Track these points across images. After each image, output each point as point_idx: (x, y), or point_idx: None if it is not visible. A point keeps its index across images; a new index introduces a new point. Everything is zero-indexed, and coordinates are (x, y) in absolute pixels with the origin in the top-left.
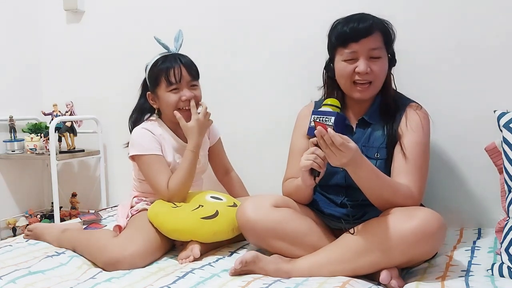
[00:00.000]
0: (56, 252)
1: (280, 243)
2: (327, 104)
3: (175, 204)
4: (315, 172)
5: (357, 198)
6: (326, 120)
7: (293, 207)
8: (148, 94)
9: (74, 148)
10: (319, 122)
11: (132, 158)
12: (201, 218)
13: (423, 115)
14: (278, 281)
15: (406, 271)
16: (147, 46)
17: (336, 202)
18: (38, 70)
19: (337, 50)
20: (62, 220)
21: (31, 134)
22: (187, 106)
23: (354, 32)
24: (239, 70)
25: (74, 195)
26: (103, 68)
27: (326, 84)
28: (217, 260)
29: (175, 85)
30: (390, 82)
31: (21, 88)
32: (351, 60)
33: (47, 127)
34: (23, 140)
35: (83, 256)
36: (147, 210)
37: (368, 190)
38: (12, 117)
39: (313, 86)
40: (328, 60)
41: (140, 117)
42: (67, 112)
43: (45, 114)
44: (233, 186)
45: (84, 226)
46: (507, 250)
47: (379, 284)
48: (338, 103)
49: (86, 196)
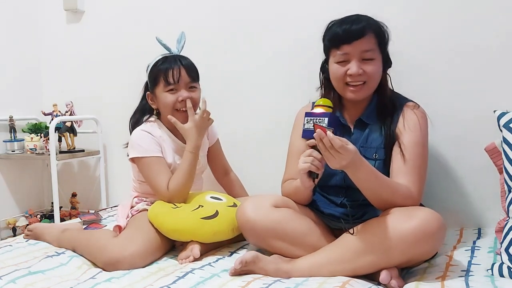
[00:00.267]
0: (56, 252)
1: (280, 243)
2: (319, 105)
3: (175, 205)
4: (313, 174)
5: (356, 199)
6: (320, 121)
7: (292, 207)
8: (147, 94)
9: (74, 148)
10: (318, 125)
11: (132, 160)
12: (201, 218)
13: (420, 114)
14: (278, 281)
15: (406, 271)
16: (147, 46)
17: (336, 203)
18: (38, 70)
19: (330, 51)
20: (62, 220)
21: (31, 134)
22: (184, 107)
23: (346, 34)
24: (239, 70)
25: (74, 195)
26: (103, 68)
27: (323, 85)
28: (217, 260)
29: (173, 85)
30: (386, 83)
31: (21, 88)
32: (344, 62)
33: (47, 127)
34: (23, 140)
35: (83, 256)
36: (147, 210)
37: (368, 191)
38: (12, 117)
39: (313, 86)
40: (324, 61)
41: (141, 118)
42: (67, 112)
43: (45, 114)
44: (232, 187)
45: (84, 226)
46: (507, 250)
47: (379, 284)
48: (330, 103)
49: (86, 196)
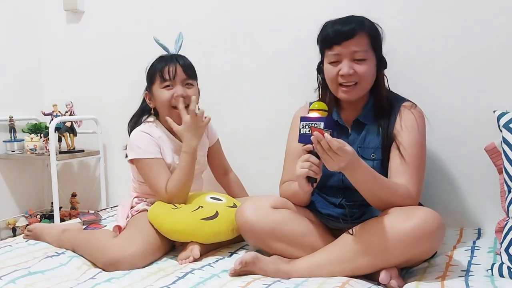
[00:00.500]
0: (56, 252)
1: (279, 244)
2: (314, 109)
3: (175, 205)
4: (312, 179)
5: (355, 199)
6: (315, 126)
7: (291, 208)
8: (145, 93)
9: (74, 148)
10: (315, 128)
11: (131, 161)
12: (201, 219)
13: (418, 114)
14: (277, 281)
15: (406, 271)
16: (147, 46)
17: (335, 203)
18: (38, 70)
19: (324, 52)
20: (62, 220)
21: (31, 134)
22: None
23: (337, 35)
24: (239, 70)
25: (74, 195)
26: (103, 68)
27: (320, 85)
28: (217, 261)
29: (168, 81)
30: (382, 83)
31: (21, 88)
32: (336, 63)
33: (47, 127)
34: (23, 140)
35: (83, 256)
36: (147, 210)
37: (366, 192)
38: (12, 117)
39: (313, 86)
40: (319, 62)
41: (139, 120)
42: (67, 112)
43: (45, 114)
44: (231, 187)
45: (84, 226)
46: (507, 250)
47: (379, 284)
48: (325, 107)
49: (86, 196)
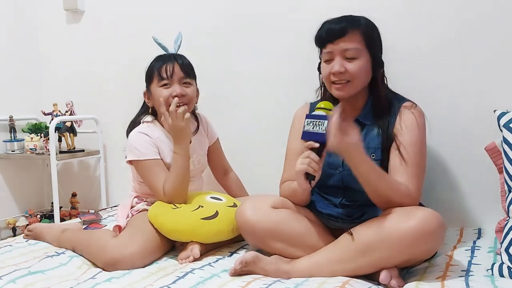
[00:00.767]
0: (56, 252)
1: (279, 244)
2: (320, 108)
3: (175, 205)
4: (310, 176)
5: (355, 199)
6: (320, 124)
7: (291, 208)
8: (143, 92)
9: (74, 148)
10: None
11: (130, 162)
12: (201, 219)
13: (417, 113)
14: (278, 281)
15: (406, 271)
16: (147, 46)
17: (335, 203)
18: (38, 70)
19: (320, 51)
20: (62, 220)
21: (31, 134)
22: (179, 102)
23: (329, 33)
24: (239, 71)
25: (74, 195)
26: (103, 68)
27: (322, 85)
28: (217, 260)
29: (166, 80)
30: (380, 83)
31: (21, 88)
32: (329, 61)
33: (47, 127)
34: (23, 140)
35: (83, 256)
36: (147, 210)
37: (368, 186)
38: (12, 117)
39: (313, 86)
40: (320, 61)
41: (138, 120)
42: (67, 112)
43: (45, 114)
44: (231, 187)
45: (84, 226)
46: (507, 250)
47: (379, 284)
48: (331, 106)
49: (86, 196)
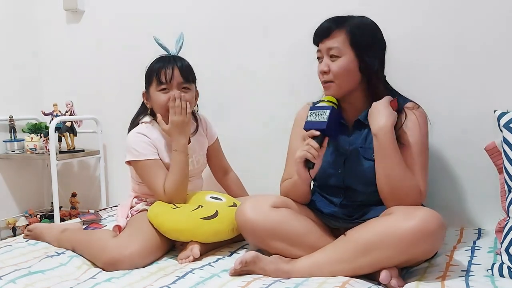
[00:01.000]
0: (56, 252)
1: (279, 244)
2: (324, 101)
3: (175, 205)
4: (309, 163)
5: (356, 199)
6: (322, 113)
7: (292, 207)
8: (143, 93)
9: (74, 148)
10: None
11: (129, 163)
12: (201, 218)
13: (419, 113)
14: (278, 281)
15: (406, 271)
16: (147, 46)
17: (335, 203)
18: (38, 70)
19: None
20: (62, 220)
21: (31, 134)
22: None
23: (317, 33)
24: (240, 71)
25: (74, 195)
26: (103, 68)
27: None
28: (217, 260)
29: (165, 84)
30: (377, 84)
31: (21, 88)
32: (319, 59)
33: (47, 127)
34: (23, 140)
35: (83, 256)
36: (147, 210)
37: (383, 165)
38: (12, 117)
39: (314, 86)
40: None
41: (137, 120)
42: (67, 112)
43: (45, 114)
44: (231, 187)
45: (84, 226)
46: (507, 250)
47: (379, 284)
48: (335, 100)
49: (86, 196)
